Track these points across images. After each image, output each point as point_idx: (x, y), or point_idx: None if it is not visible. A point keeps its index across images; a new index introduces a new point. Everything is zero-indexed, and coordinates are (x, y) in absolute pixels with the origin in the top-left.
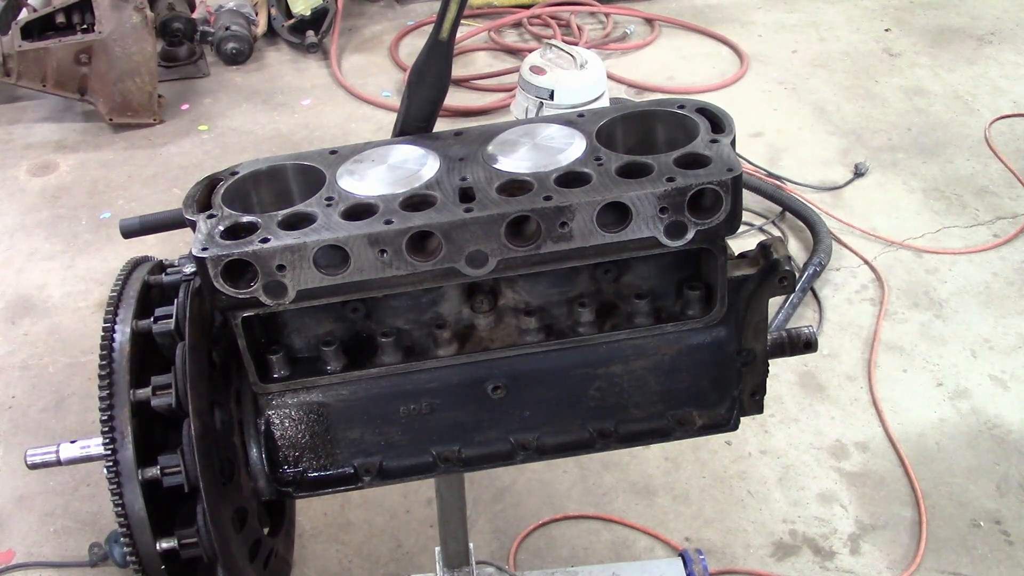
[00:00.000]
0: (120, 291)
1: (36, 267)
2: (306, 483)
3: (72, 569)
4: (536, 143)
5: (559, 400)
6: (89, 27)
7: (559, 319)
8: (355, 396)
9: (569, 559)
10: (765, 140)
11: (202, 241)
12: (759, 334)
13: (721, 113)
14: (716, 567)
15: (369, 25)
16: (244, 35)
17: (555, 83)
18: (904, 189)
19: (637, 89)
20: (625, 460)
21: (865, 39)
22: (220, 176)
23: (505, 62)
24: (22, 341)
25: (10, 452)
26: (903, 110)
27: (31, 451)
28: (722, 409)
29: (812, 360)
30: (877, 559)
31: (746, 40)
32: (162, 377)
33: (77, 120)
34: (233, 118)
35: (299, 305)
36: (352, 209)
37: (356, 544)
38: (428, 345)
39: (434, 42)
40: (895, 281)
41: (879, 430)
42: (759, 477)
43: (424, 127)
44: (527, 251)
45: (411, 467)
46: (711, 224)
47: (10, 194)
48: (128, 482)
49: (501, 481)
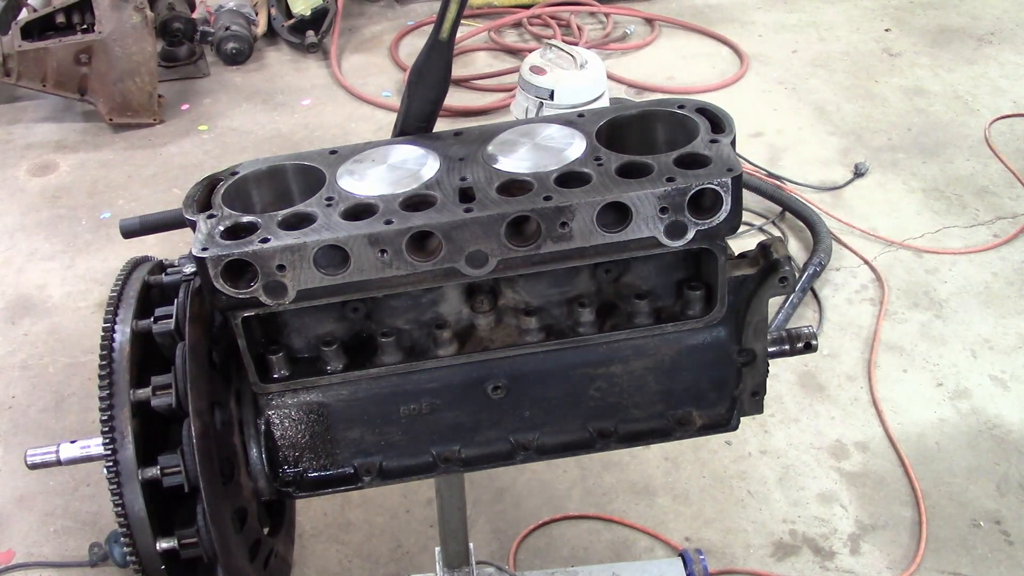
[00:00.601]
0: (120, 291)
1: (36, 267)
2: (306, 483)
3: (72, 569)
4: (536, 143)
5: (559, 400)
6: (89, 27)
7: (559, 319)
8: (355, 396)
9: (569, 559)
10: (765, 140)
11: (202, 241)
12: (759, 334)
13: (721, 113)
14: (716, 567)
15: (369, 25)
16: (244, 35)
17: (555, 83)
18: (904, 189)
19: (637, 89)
20: (625, 460)
21: (865, 39)
22: (220, 176)
23: (505, 62)
24: (22, 341)
25: (10, 452)
26: (903, 110)
27: (31, 451)
28: (722, 409)
29: (812, 360)
30: (877, 559)
31: (746, 40)
32: (162, 377)
33: (77, 120)
34: (233, 118)
35: (299, 305)
36: (352, 209)
37: (356, 544)
38: (428, 345)
39: (434, 42)
40: (895, 281)
41: (879, 430)
42: (759, 477)
43: (424, 127)
44: (527, 251)
45: (411, 467)
46: (711, 224)
47: (10, 194)
48: (128, 482)
49: (501, 481)
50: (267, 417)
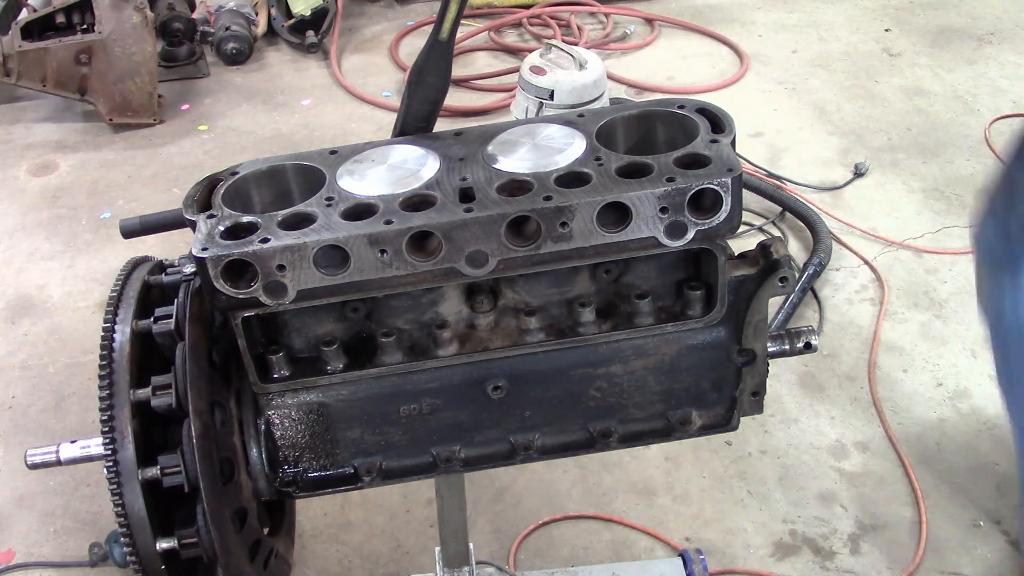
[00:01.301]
0: (120, 291)
1: (36, 267)
2: (306, 483)
3: (72, 569)
4: (536, 143)
5: (559, 400)
6: (89, 27)
7: (559, 319)
8: (355, 396)
9: (569, 559)
10: (765, 140)
11: (202, 241)
12: (759, 334)
13: (721, 113)
14: (716, 567)
15: (369, 25)
16: (244, 35)
17: (555, 83)
18: (904, 189)
19: (637, 89)
20: (625, 460)
21: (865, 39)
22: (220, 176)
23: (505, 62)
24: (22, 341)
25: (10, 452)
26: (903, 110)
27: (31, 451)
28: (722, 409)
29: (812, 360)
30: (877, 559)
31: (746, 40)
32: (162, 377)
33: (77, 120)
34: (233, 118)
35: (299, 305)
36: (352, 209)
37: (356, 544)
38: (428, 345)
39: (434, 42)
40: (895, 281)
41: (879, 430)
42: (759, 477)
43: (424, 127)
44: (527, 251)
45: (411, 467)
46: (711, 224)
47: (10, 194)
48: (128, 482)
49: (501, 481)
50: (267, 417)
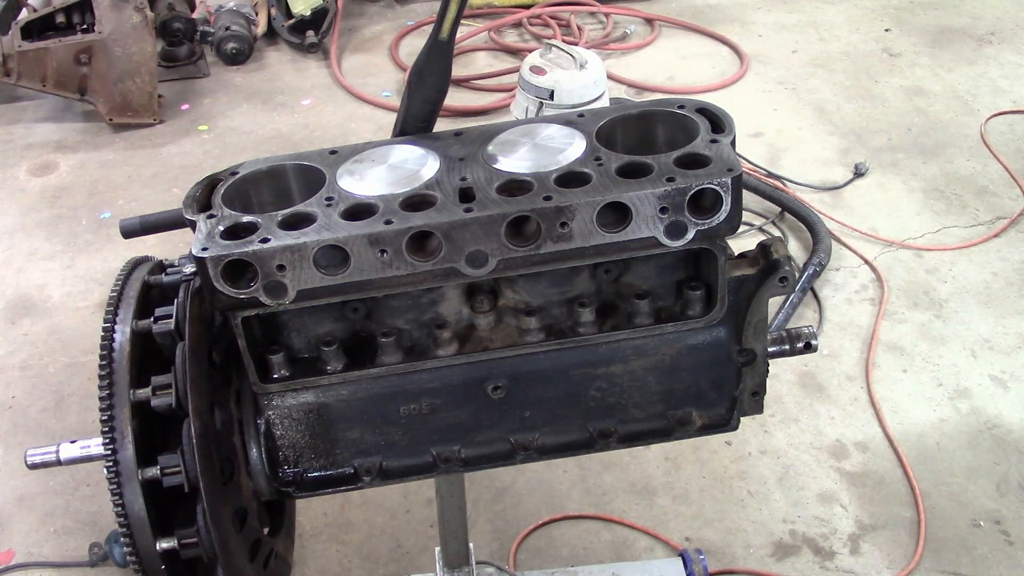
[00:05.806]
0: (120, 291)
1: (36, 267)
2: (306, 483)
3: (72, 569)
4: (536, 143)
5: (559, 400)
6: (89, 27)
7: (559, 319)
8: (355, 396)
9: (569, 559)
10: (765, 140)
11: (202, 241)
12: (759, 334)
13: (721, 113)
14: (716, 567)
15: (369, 25)
16: (244, 35)
17: (555, 83)
18: (904, 189)
19: (637, 89)
20: (625, 460)
21: (865, 39)
22: (220, 176)
23: (505, 62)
24: (22, 341)
25: (10, 452)
26: (903, 110)
27: (31, 451)
28: (722, 409)
29: (812, 360)
30: (877, 559)
31: (746, 40)
32: (162, 377)
33: (77, 120)
34: (233, 118)
35: (299, 305)
36: (352, 209)
37: (356, 544)
38: (428, 345)
39: (434, 42)
40: (895, 281)
41: (879, 430)
42: (759, 477)
43: (424, 127)
44: (527, 251)
45: (411, 467)
46: (711, 224)
47: (10, 194)
48: (128, 482)
49: (501, 481)
50: (267, 417)
